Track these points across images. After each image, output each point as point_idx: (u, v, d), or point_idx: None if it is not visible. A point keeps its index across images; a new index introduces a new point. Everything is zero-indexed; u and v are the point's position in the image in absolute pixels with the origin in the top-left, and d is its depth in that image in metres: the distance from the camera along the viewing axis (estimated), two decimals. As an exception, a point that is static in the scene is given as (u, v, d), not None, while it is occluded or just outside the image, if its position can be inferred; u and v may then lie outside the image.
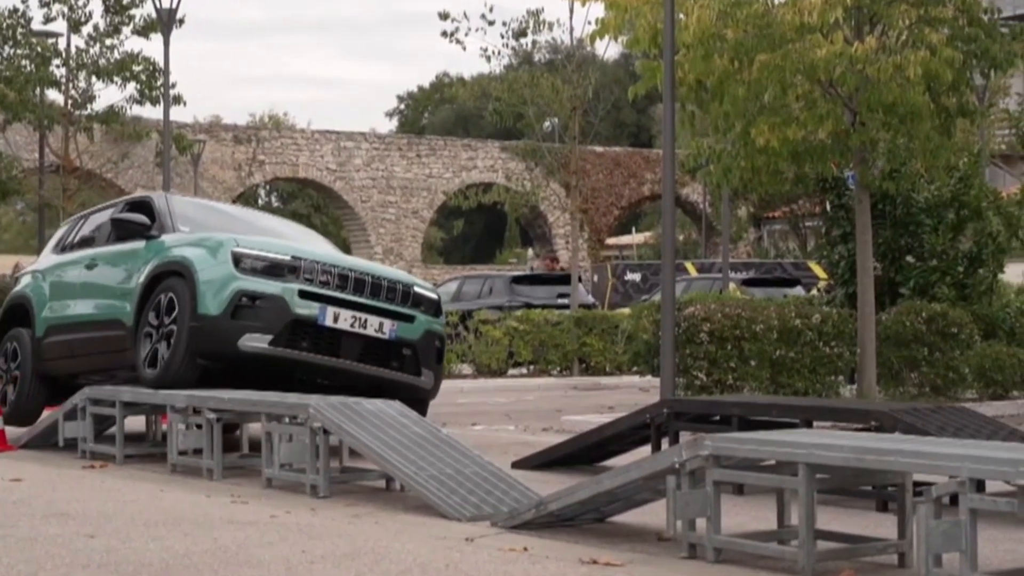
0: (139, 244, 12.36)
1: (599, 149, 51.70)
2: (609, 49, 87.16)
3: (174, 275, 11.58)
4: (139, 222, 12.43)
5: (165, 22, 27.87)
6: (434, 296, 12.30)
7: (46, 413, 13.12)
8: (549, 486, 8.91)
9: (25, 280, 14.37)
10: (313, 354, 11.33)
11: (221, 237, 11.73)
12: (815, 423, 9.78)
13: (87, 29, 32.74)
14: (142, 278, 11.93)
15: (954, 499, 5.98)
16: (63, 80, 33.06)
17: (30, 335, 13.47)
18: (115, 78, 32.63)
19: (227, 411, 10.57)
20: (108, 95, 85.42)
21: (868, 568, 6.72)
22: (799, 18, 13.60)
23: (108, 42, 32.62)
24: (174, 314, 11.35)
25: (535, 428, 15.24)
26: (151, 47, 58.32)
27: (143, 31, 32.43)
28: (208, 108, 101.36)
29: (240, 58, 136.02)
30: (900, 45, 14.22)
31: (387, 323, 11.65)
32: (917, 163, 16.14)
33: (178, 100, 31.47)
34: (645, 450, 10.62)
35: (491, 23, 30.99)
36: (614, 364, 25.14)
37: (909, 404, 12.32)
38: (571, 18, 31.55)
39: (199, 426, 10.72)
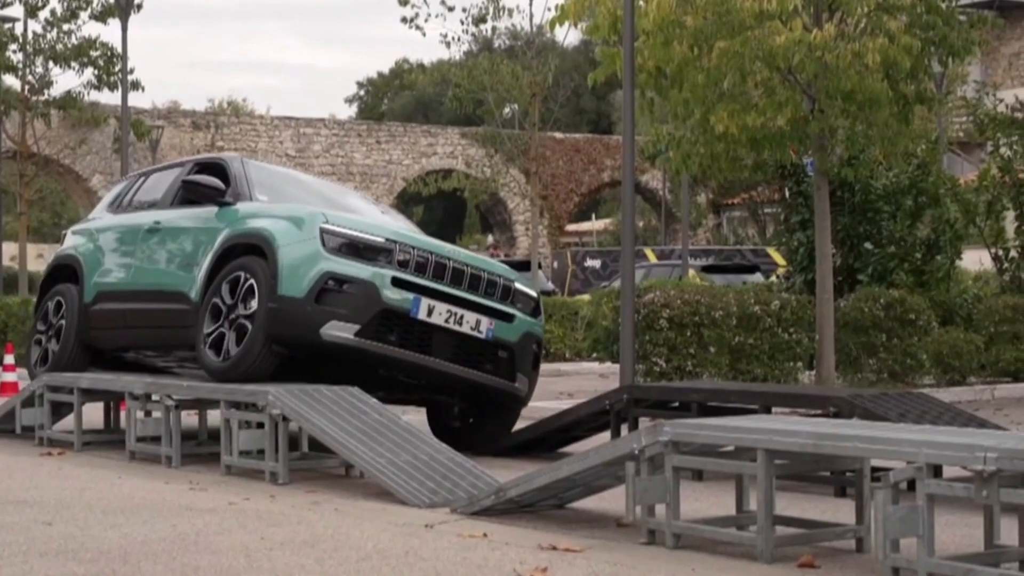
0: (210, 210, 11.22)
1: (559, 136, 51.71)
2: (569, 36, 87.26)
3: (251, 249, 10.45)
4: (213, 186, 11.22)
5: (123, 7, 27.72)
6: (534, 294, 11.26)
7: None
8: (509, 472, 8.92)
9: (74, 239, 13.08)
10: (402, 349, 10.21)
11: (307, 210, 10.58)
12: (774, 409, 9.82)
13: (44, 14, 32.58)
14: (213, 249, 10.80)
15: (911, 484, 6.01)
16: (20, 65, 32.85)
17: (79, 294, 12.37)
18: (72, 63, 32.47)
19: (186, 398, 10.54)
20: (65, 80, 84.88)
21: (826, 553, 6.75)
22: (758, 5, 13.61)
23: (65, 27, 32.45)
24: (250, 297, 10.24)
25: (495, 414, 15.20)
26: (109, 32, 58.12)
27: (100, 16, 32.26)
28: (167, 94, 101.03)
29: (199, 44, 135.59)
30: (859, 32, 14.26)
31: (484, 321, 10.60)
32: (875, 150, 16.23)
33: (136, 86, 31.31)
34: (605, 436, 10.64)
35: (451, 9, 30.98)
36: (574, 350, 25.17)
37: (867, 390, 12.38)
38: (531, 4, 31.54)
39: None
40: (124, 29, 27.68)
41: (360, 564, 6.30)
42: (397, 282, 10.14)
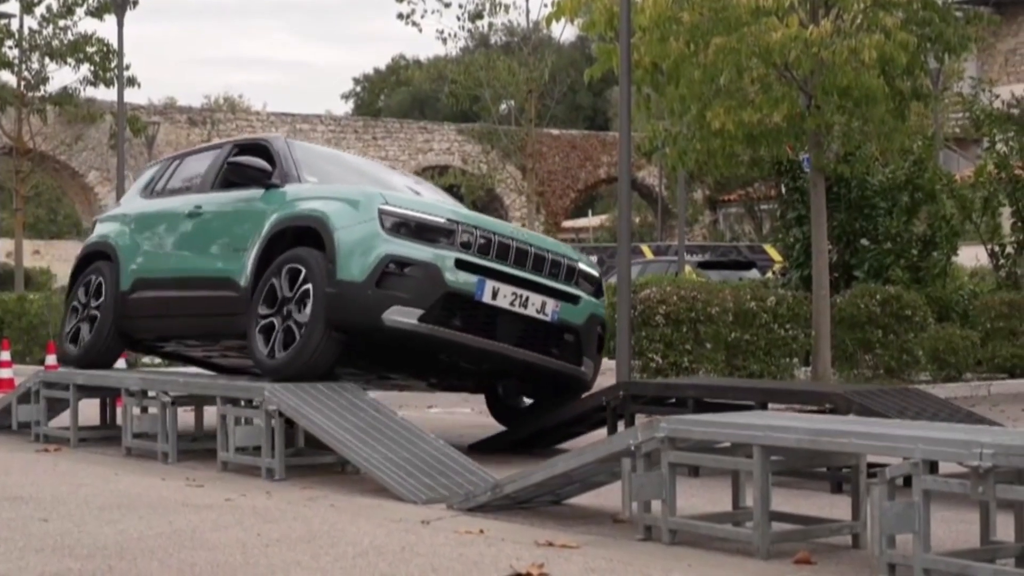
0: (255, 193, 10.73)
1: (555, 132, 51.66)
2: (565, 32, 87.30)
3: (304, 232, 10.00)
4: (259, 167, 10.71)
5: (119, 3, 27.70)
6: (596, 274, 10.95)
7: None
8: (505, 469, 8.91)
9: (104, 227, 12.51)
10: (466, 334, 9.80)
11: (363, 191, 10.14)
12: (770, 405, 9.80)
13: (40, 10, 32.54)
14: (262, 233, 10.33)
15: (907, 480, 6.01)
16: (16, 61, 32.82)
17: (115, 282, 11.88)
18: (69, 59, 32.44)
19: (182, 395, 10.52)
20: (62, 76, 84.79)
21: (822, 549, 6.75)
22: (754, 1, 13.63)
23: (61, 23, 32.42)
24: (304, 286, 9.81)
25: (491, 411, 15.21)
26: (105, 28, 58.05)
27: (97, 12, 32.23)
28: (163, 90, 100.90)
29: (196, 40, 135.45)
30: (855, 29, 14.27)
31: (550, 303, 10.21)
32: (872, 146, 16.27)
33: (132, 82, 31.30)
34: (601, 433, 10.63)
35: (447, 5, 31.02)
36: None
37: (863, 386, 12.38)
38: (527, 1, 31.50)
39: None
40: (120, 25, 27.67)
41: (356, 560, 6.30)
42: (460, 264, 9.74)
